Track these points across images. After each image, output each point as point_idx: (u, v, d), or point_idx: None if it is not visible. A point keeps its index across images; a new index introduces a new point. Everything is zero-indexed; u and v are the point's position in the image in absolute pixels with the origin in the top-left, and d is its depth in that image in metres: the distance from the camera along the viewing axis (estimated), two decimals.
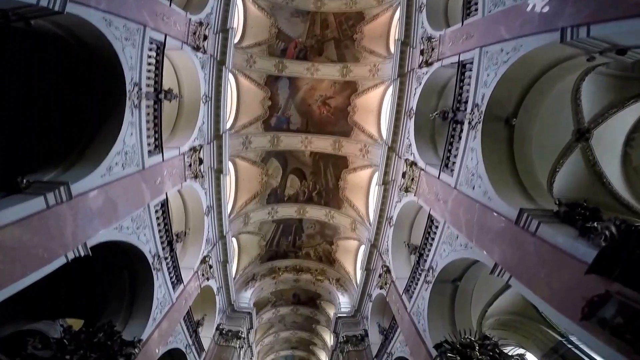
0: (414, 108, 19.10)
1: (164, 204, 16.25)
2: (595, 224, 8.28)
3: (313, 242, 32.49)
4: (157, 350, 16.54)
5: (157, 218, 15.74)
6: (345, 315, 29.98)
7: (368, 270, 25.82)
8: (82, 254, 10.67)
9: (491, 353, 12.66)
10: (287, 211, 30.04)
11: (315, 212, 30.12)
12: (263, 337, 40.41)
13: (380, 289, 23.12)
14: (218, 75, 20.17)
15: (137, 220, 14.07)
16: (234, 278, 29.45)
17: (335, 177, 28.42)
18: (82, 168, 11.26)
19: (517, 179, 12.44)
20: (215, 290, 25.31)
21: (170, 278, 17.45)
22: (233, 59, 21.43)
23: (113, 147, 11.93)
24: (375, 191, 24.63)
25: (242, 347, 28.57)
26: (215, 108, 20.41)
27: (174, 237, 17.54)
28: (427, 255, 16.67)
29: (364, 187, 27.81)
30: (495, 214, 11.21)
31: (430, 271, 16.13)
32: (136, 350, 13.83)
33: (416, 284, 17.61)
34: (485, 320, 16.99)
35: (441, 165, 15.66)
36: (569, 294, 8.05)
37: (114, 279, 15.56)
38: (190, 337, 21.35)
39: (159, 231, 15.91)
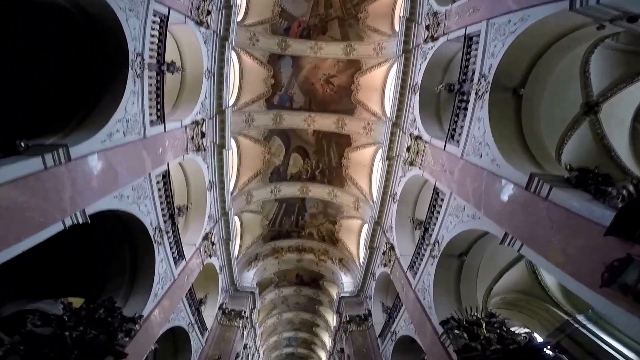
0: (419, 83, 18.81)
1: (166, 175, 16.07)
2: (609, 189, 8.02)
3: (316, 221, 32.45)
4: (158, 327, 16.42)
5: (159, 189, 15.61)
6: (348, 295, 29.98)
7: (371, 248, 25.75)
8: (81, 221, 10.43)
9: (498, 331, 12.49)
10: (290, 190, 30.05)
11: (318, 191, 30.07)
12: (266, 318, 40.48)
13: (384, 266, 22.95)
14: (221, 51, 19.97)
15: (138, 189, 13.88)
16: (237, 258, 29.46)
17: (338, 155, 28.19)
18: (83, 133, 11.07)
19: (525, 148, 12.14)
20: (217, 268, 25.25)
21: (172, 253, 17.29)
22: (236, 37, 21.34)
23: (114, 114, 11.81)
24: (378, 169, 24.54)
25: (245, 327, 28.56)
26: (218, 83, 20.17)
27: (176, 211, 17.37)
28: (433, 230, 16.41)
29: (367, 165, 27.67)
30: (504, 180, 10.91)
31: (436, 245, 15.86)
32: (137, 326, 13.72)
33: (421, 260, 17.42)
34: (491, 299, 16.88)
35: (447, 136, 15.40)
36: (586, 260, 7.71)
37: (115, 253, 15.39)
38: (193, 315, 21.27)
39: (161, 203, 15.77)
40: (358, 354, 25.24)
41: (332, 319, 38.21)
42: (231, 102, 23.27)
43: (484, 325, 12.80)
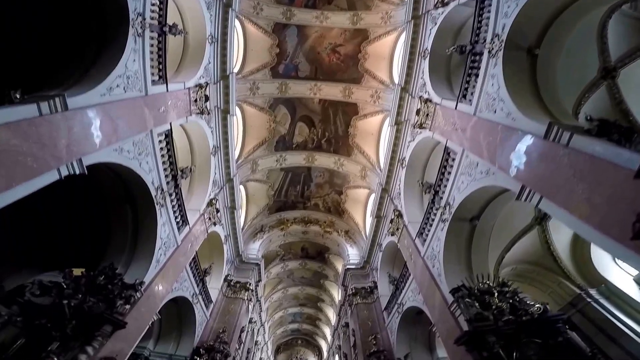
0: (429, 48, 18.42)
1: (168, 135, 15.78)
2: (635, 136, 7.64)
3: (322, 192, 32.35)
4: (161, 296, 16.18)
5: (161, 149, 15.36)
6: (354, 267, 29.77)
7: (378, 217, 25.57)
8: (77, 171, 10.13)
9: (511, 301, 12.16)
10: (296, 159, 29.96)
11: (324, 160, 29.92)
12: (272, 293, 40.69)
13: (392, 235, 22.60)
14: (224, 17, 19.63)
15: (139, 145, 13.58)
16: (242, 229, 29.36)
17: (345, 124, 27.79)
18: (82, 87, 10.81)
19: (541, 103, 11.79)
20: (222, 238, 25.10)
21: (175, 218, 17.09)
22: (239, 5, 21.07)
23: (114, 70, 11.64)
24: (386, 136, 24.12)
25: (250, 300, 28.46)
26: (222, 49, 19.86)
27: (179, 172, 17.03)
28: (443, 192, 16.02)
29: (374, 133, 27.30)
30: (520, 132, 10.49)
31: (447, 208, 15.48)
32: (138, 294, 13.55)
33: (430, 226, 17.10)
34: (502, 269, 16.56)
35: (458, 96, 15.02)
36: (614, 209, 7.13)
37: (116, 216, 15.11)
38: (197, 285, 21.06)
39: (163, 163, 15.56)
40: (363, 326, 24.89)
41: (337, 294, 38.24)
42: (236, 70, 22.89)
43: (496, 294, 12.49)
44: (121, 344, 13.07)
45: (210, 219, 21.78)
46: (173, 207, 16.80)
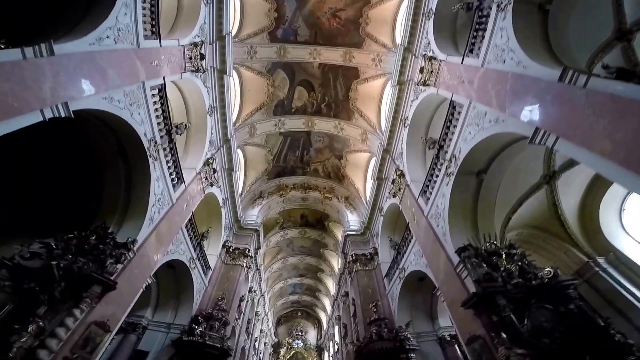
0: (433, 8, 17.75)
1: (162, 90, 15.34)
2: None
3: (321, 157, 31.95)
4: (155, 257, 15.84)
5: (155, 103, 15.00)
6: (354, 233, 29.56)
7: (379, 179, 25.30)
8: (63, 114, 9.77)
9: (519, 263, 11.79)
10: (295, 123, 29.37)
11: (323, 124, 29.37)
12: (271, 262, 40.74)
13: (393, 197, 22.27)
14: None
15: (131, 96, 13.17)
16: (241, 195, 29.33)
17: (345, 88, 27.02)
18: (70, 36, 10.57)
19: (553, 55, 11.46)
20: (220, 201, 25.08)
21: (170, 175, 16.86)
22: None
23: (104, 22, 11.40)
24: (388, 98, 23.54)
25: (249, 267, 28.35)
26: (218, 10, 19.19)
27: (174, 128, 16.63)
28: (449, 146, 15.56)
29: (375, 97, 26.55)
30: (532, 78, 10.05)
31: (453, 160, 14.97)
32: (130, 253, 13.28)
33: (434, 183, 16.77)
34: (507, 233, 15.96)
35: (464, 51, 14.42)
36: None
37: (109, 171, 14.82)
38: (194, 249, 20.80)
39: (157, 117, 15.25)
40: (363, 294, 24.57)
41: (336, 264, 38.19)
42: (233, 33, 22.32)
43: (503, 256, 12.10)
44: (113, 308, 12.70)
45: (207, 178, 21.52)
46: (167, 162, 16.48)
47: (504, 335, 9.87)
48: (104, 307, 12.14)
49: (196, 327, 19.93)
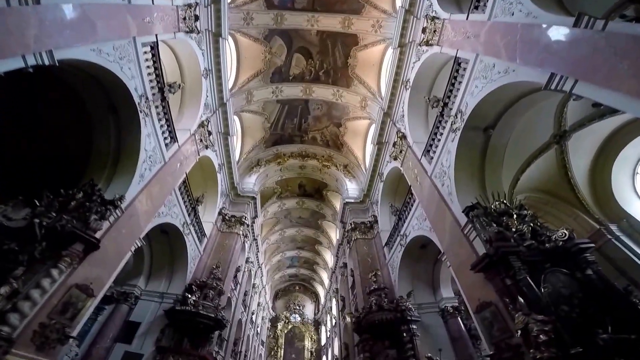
0: None
1: (154, 47, 14.89)
2: None
3: (320, 124, 31.19)
4: (145, 218, 15.48)
5: (147, 60, 14.55)
6: (353, 200, 29.20)
7: (380, 143, 24.68)
8: (47, 62, 9.38)
9: (531, 225, 11.10)
10: (293, 91, 28.39)
11: (322, 92, 28.38)
12: (269, 234, 40.35)
13: (394, 160, 21.86)
14: None
15: (121, 50, 12.76)
16: (238, 162, 29.02)
17: (344, 55, 26.11)
18: None
19: (563, 7, 11.10)
20: (216, 166, 24.99)
21: (162, 133, 16.47)
22: None
23: None
24: (389, 63, 22.87)
25: (246, 236, 28.05)
26: None
27: (166, 86, 16.18)
28: (453, 103, 15.07)
29: (375, 64, 25.52)
30: (544, 25, 9.63)
31: (459, 115, 14.46)
32: (117, 211, 12.85)
33: (438, 141, 16.28)
34: (516, 195, 15.41)
35: (469, 8, 13.91)
36: None
37: (98, 127, 14.42)
38: (189, 214, 20.43)
39: (149, 74, 14.80)
40: (362, 263, 24.10)
41: (334, 235, 37.96)
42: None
43: (514, 216, 11.43)
44: (98, 271, 12.17)
45: (201, 140, 21.14)
46: (159, 120, 16.06)
47: (521, 300, 9.12)
48: (87, 269, 11.63)
49: (190, 296, 19.39)
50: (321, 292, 54.86)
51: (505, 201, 11.92)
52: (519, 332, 8.67)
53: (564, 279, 9.57)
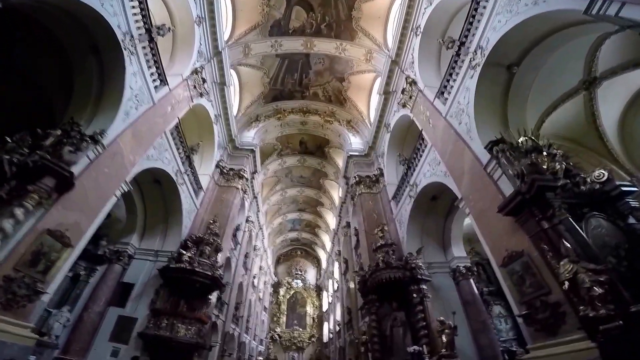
0: None
1: None
2: None
3: (321, 80, 29.78)
4: (131, 158, 14.58)
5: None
6: (357, 154, 28.29)
7: (387, 93, 23.65)
8: None
9: (564, 163, 9.80)
10: (293, 44, 26.76)
11: (324, 46, 26.76)
12: (270, 194, 39.79)
13: (403, 107, 21.00)
14: None
15: None
16: (236, 117, 28.07)
17: (347, 7, 24.57)
18: None
19: None
20: (212, 117, 24.19)
21: (151, 74, 15.60)
22: None
23: None
24: (397, 14, 21.45)
25: (245, 192, 27.48)
26: None
27: (154, 28, 15.29)
28: (472, 40, 14.17)
29: (382, 16, 23.89)
30: None
31: (479, 52, 13.47)
32: (98, 147, 11.94)
33: (454, 81, 15.32)
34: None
35: None
36: None
37: (80, 69, 13.46)
38: (182, 162, 19.76)
39: (134, 14, 13.93)
40: (368, 218, 23.13)
41: (337, 195, 37.20)
42: None
43: (544, 153, 10.13)
44: (75, 215, 11.18)
45: (195, 87, 20.23)
46: (147, 60, 15.21)
47: (567, 243, 7.90)
48: (62, 212, 10.60)
49: (185, 252, 18.28)
50: (323, 256, 54.48)
51: (532, 137, 10.71)
52: (566, 283, 7.48)
53: (608, 227, 8.25)
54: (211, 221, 21.17)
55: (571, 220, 8.28)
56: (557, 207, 8.51)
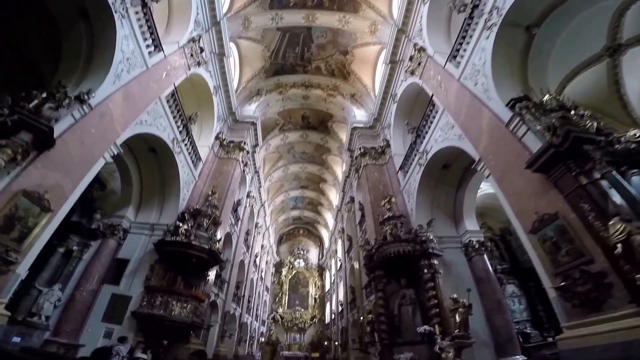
0: None
1: None
2: None
3: (324, 53, 28.77)
4: (122, 120, 13.90)
5: None
6: (362, 125, 27.51)
7: (393, 63, 22.96)
8: None
9: (595, 123, 8.90)
10: (294, 18, 25.68)
11: (326, 18, 25.63)
12: (272, 170, 39.25)
13: (412, 74, 20.40)
14: None
15: None
16: (236, 91, 27.34)
17: None
18: None
19: None
20: (211, 88, 23.35)
21: (144, 39, 15.10)
22: None
23: None
24: None
25: (246, 165, 27.02)
26: None
27: None
28: (486, 0, 13.63)
29: None
30: None
31: (495, 12, 12.91)
32: (84, 107, 11.29)
33: (467, 44, 14.80)
34: None
35: None
36: None
37: (67, 32, 12.92)
38: (179, 130, 19.18)
39: None
40: (374, 190, 22.39)
41: (340, 171, 36.65)
42: None
43: (572, 112, 9.30)
44: (57, 176, 10.49)
45: (192, 55, 19.59)
46: (140, 25, 14.66)
47: (616, 199, 7.09)
48: (42, 172, 9.90)
49: (181, 224, 17.54)
50: (325, 236, 54.40)
51: (557, 96, 10.01)
52: (618, 246, 6.52)
53: None
54: (210, 193, 20.60)
55: (616, 174, 7.50)
56: (597, 160, 7.71)
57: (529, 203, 9.84)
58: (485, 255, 16.60)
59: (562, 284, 8.27)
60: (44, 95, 9.98)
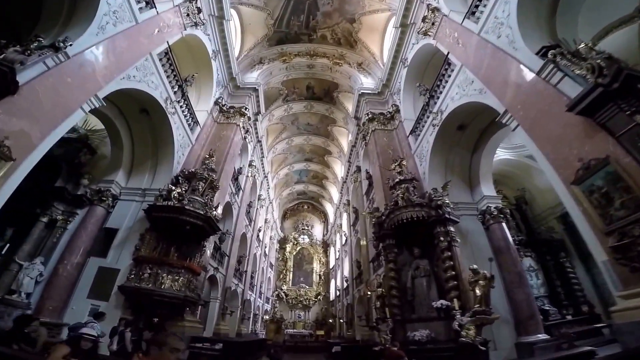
0: None
1: None
2: None
3: (330, 21, 27.62)
4: (104, 72, 13.05)
5: None
6: (370, 92, 26.48)
7: (404, 26, 21.73)
8: None
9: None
10: None
11: None
12: (275, 142, 38.58)
13: (425, 36, 19.35)
14: None
15: None
16: (237, 58, 26.30)
17: None
18: None
19: None
20: (210, 52, 22.28)
21: None
22: None
23: None
24: None
25: (247, 131, 26.27)
26: None
27: None
28: None
29: None
30: None
31: None
32: (60, 55, 10.65)
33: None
34: None
35: None
36: None
37: None
38: (172, 88, 18.20)
39: None
40: (383, 155, 21.61)
41: (346, 143, 36.05)
42: None
43: (604, 63, 8.00)
44: (22, 123, 9.59)
45: (189, 15, 18.58)
46: None
47: None
48: (2, 117, 8.94)
49: (174, 188, 16.36)
50: (330, 211, 54.25)
51: (590, 44, 8.85)
52: None
53: None
54: (207, 156, 19.49)
55: None
56: None
57: (569, 149, 8.84)
58: (504, 224, 15.71)
59: (618, 243, 7.11)
60: (18, 47, 9.07)
